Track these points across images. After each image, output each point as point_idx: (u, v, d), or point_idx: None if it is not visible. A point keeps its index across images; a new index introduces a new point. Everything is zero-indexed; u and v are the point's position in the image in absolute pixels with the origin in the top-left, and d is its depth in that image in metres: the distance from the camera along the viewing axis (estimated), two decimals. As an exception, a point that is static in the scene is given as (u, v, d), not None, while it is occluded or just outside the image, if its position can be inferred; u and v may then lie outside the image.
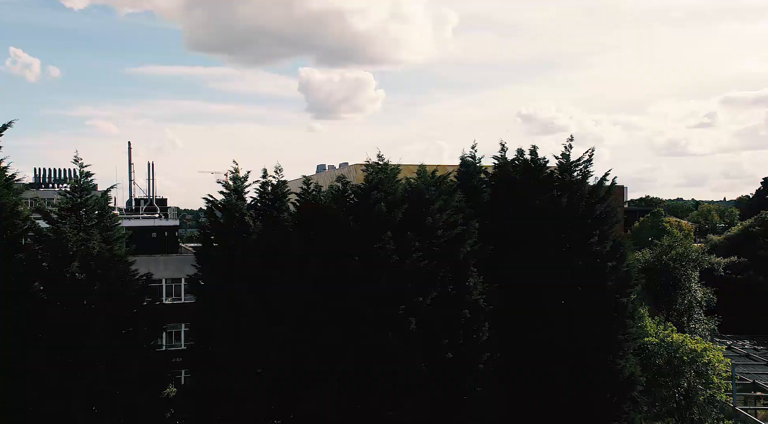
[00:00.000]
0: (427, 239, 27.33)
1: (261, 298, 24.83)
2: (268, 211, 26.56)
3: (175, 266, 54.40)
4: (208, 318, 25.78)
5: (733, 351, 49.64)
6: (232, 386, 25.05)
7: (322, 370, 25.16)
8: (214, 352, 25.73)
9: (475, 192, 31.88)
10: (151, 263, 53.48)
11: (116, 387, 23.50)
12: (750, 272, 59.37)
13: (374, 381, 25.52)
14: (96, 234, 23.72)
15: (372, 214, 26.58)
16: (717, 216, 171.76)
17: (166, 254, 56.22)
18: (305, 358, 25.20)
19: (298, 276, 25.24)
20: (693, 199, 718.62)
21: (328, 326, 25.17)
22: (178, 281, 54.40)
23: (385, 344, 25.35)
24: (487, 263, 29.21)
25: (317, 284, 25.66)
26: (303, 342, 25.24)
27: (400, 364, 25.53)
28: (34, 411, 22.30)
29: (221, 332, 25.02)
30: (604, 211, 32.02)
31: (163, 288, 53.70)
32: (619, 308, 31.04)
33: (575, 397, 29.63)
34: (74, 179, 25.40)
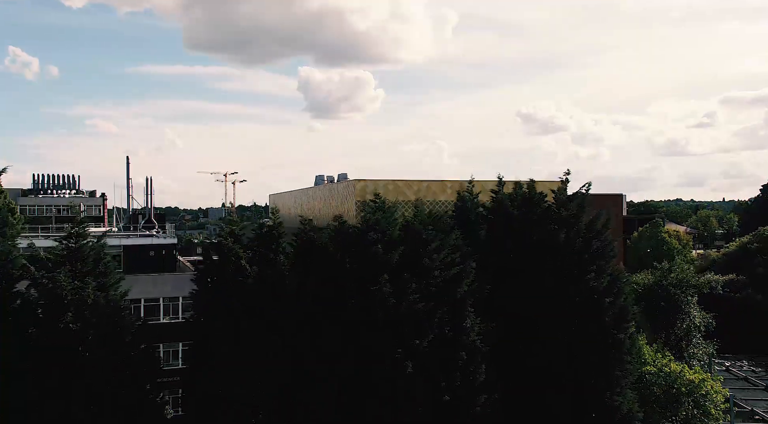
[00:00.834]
0: (424, 280, 27.21)
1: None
2: (264, 253, 26.39)
3: (173, 284, 54.21)
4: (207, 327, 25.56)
5: (731, 374, 49.59)
6: (231, 390, 24.84)
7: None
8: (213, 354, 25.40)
9: (473, 227, 31.73)
10: (149, 282, 53.44)
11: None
12: (748, 290, 59.24)
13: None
14: (90, 282, 23.58)
15: (369, 255, 26.44)
16: (715, 222, 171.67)
17: (164, 272, 55.93)
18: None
19: (295, 321, 25.11)
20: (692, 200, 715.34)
21: (323, 382, 25.04)
22: (176, 299, 54.21)
23: (383, 388, 25.23)
24: (485, 297, 29.14)
25: (314, 329, 25.53)
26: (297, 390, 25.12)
27: (398, 407, 25.42)
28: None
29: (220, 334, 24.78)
30: (601, 246, 31.94)
31: (161, 307, 53.45)
32: (617, 343, 30.98)
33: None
34: (69, 227, 25.18)
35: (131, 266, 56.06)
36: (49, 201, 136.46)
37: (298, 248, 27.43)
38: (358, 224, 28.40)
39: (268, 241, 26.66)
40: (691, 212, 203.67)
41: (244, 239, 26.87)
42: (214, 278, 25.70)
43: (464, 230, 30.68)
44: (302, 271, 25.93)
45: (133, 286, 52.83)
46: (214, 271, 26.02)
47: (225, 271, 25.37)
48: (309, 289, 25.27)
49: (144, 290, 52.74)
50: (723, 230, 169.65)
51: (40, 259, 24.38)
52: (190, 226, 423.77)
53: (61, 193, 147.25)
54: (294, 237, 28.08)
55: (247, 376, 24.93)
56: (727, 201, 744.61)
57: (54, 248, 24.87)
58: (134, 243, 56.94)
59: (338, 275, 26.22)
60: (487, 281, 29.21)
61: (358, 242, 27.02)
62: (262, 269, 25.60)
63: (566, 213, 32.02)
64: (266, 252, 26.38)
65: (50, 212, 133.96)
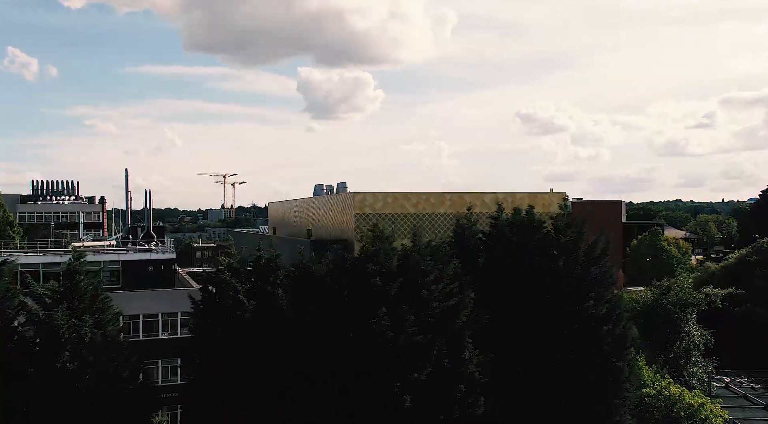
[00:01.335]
0: (422, 311, 27.13)
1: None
2: (263, 285, 26.31)
3: (171, 300, 54.24)
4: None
5: (731, 391, 49.50)
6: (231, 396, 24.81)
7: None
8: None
9: (472, 255, 31.64)
10: (147, 298, 53.43)
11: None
12: (747, 304, 59.15)
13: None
14: (88, 320, 23.51)
15: (367, 287, 26.37)
16: (714, 227, 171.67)
17: (162, 287, 55.89)
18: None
19: (293, 355, 25.05)
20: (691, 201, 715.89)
21: (319, 406, 24.98)
22: (174, 315, 54.23)
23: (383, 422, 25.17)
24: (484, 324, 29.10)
25: (312, 361, 25.46)
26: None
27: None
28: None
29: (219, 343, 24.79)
30: (600, 272, 31.89)
31: (159, 323, 53.45)
32: (615, 371, 30.93)
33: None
34: (67, 263, 25.07)
35: (130, 281, 56.10)
36: (48, 208, 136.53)
37: (296, 280, 27.31)
38: (356, 253, 28.24)
39: (266, 273, 26.56)
40: (690, 216, 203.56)
41: (243, 271, 26.71)
42: (212, 312, 25.61)
43: (463, 257, 30.58)
44: (301, 304, 25.86)
45: (131, 302, 53.22)
46: (212, 305, 25.93)
47: (223, 305, 25.30)
48: (307, 322, 25.16)
49: (142, 306, 52.77)
50: (722, 234, 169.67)
51: (37, 294, 24.24)
52: (189, 228, 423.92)
53: (61, 199, 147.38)
54: (292, 267, 27.97)
55: (246, 380, 24.91)
56: (726, 202, 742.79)
57: (51, 286, 24.72)
58: (133, 258, 56.84)
59: (336, 305, 26.14)
60: (485, 309, 29.10)
61: (357, 274, 26.93)
62: (261, 303, 25.51)
63: (565, 239, 31.94)
64: (264, 285, 26.29)
65: (49, 219, 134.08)
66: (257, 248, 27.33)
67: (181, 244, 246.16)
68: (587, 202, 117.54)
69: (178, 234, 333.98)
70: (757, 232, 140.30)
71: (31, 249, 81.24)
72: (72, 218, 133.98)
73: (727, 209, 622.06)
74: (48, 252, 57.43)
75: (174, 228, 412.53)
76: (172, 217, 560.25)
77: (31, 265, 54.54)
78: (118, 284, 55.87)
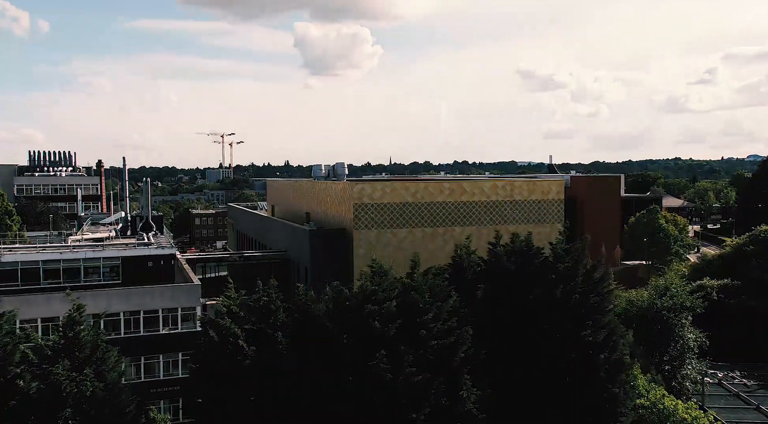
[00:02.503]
0: (420, 349, 27.39)
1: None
2: (263, 328, 26.48)
3: (172, 295, 54.64)
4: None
5: (724, 388, 50.29)
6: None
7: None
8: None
9: (469, 286, 31.72)
10: (147, 294, 53.82)
11: None
12: (742, 296, 59.63)
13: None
14: (89, 373, 23.70)
15: (366, 328, 26.57)
16: (713, 196, 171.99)
17: (162, 282, 56.18)
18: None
19: (293, 397, 25.37)
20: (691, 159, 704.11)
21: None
22: (174, 310, 54.71)
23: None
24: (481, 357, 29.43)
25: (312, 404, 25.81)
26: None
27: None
28: None
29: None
30: (598, 300, 32.10)
31: (160, 318, 53.94)
32: (611, 398, 31.40)
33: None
34: (67, 316, 25.12)
35: (130, 277, 56.37)
36: (46, 181, 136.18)
37: (295, 321, 27.48)
38: (355, 292, 28.30)
39: (266, 315, 26.71)
40: (689, 182, 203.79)
41: (243, 315, 26.82)
42: (213, 357, 25.88)
43: (461, 289, 30.70)
44: (301, 348, 26.09)
45: (132, 298, 53.56)
46: (212, 352, 26.17)
47: (224, 350, 25.53)
48: (307, 366, 25.42)
49: (143, 302, 53.22)
50: (720, 203, 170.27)
51: (38, 346, 24.39)
52: (187, 189, 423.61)
53: (58, 170, 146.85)
54: (291, 306, 28.09)
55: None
56: (725, 159, 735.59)
57: (51, 340, 24.82)
58: (133, 254, 56.95)
59: (335, 348, 26.37)
60: (483, 343, 29.38)
61: (356, 315, 27.09)
62: (260, 347, 25.73)
63: (563, 267, 32.04)
64: (264, 327, 26.46)
65: (47, 191, 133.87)
66: (257, 288, 27.40)
67: (179, 207, 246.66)
68: (586, 177, 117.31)
69: (177, 196, 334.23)
70: (755, 202, 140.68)
71: (31, 234, 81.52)
72: (70, 190, 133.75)
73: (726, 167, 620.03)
74: (47, 248, 57.31)
75: (172, 189, 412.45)
76: (169, 176, 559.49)
77: (31, 262, 54.71)
78: (118, 279, 56.14)
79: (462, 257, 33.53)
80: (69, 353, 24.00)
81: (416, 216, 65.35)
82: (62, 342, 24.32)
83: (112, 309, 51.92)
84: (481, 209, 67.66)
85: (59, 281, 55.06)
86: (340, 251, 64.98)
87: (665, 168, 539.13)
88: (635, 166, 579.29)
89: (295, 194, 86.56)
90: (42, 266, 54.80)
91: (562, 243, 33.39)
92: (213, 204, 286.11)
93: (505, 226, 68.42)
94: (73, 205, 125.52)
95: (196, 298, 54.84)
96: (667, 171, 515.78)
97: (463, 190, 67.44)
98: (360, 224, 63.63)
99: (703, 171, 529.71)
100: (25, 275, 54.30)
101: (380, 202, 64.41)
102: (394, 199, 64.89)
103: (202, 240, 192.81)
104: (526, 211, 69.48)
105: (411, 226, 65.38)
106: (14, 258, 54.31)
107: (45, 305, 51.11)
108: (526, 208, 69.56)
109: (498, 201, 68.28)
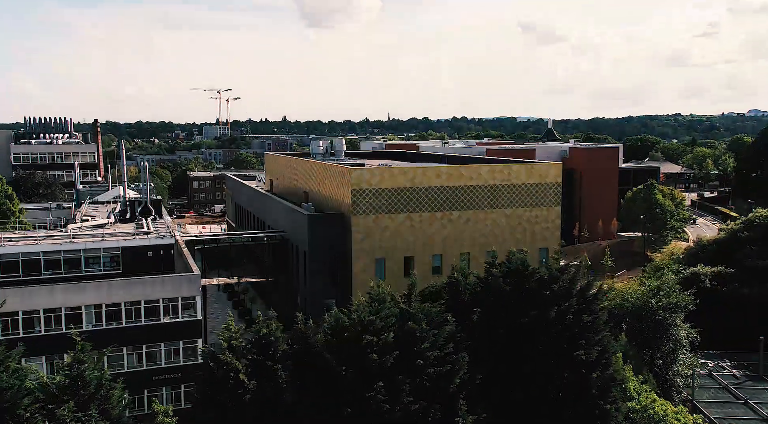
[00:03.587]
0: (417, 377, 28.07)
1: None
2: (263, 361, 27.07)
3: (172, 285, 55.33)
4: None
5: (714, 380, 51.46)
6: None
7: None
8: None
9: (466, 309, 32.21)
10: (148, 284, 54.49)
11: None
12: (735, 284, 60.37)
13: None
14: (94, 413, 24.34)
15: (364, 360, 27.18)
16: (711, 163, 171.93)
17: (162, 272, 56.85)
18: None
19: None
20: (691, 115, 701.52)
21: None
22: (175, 300, 55.48)
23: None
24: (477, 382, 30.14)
25: None
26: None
27: None
28: None
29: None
30: (592, 319, 32.69)
31: (161, 308, 54.72)
32: (602, 415, 32.28)
33: None
34: (72, 358, 25.58)
35: (130, 267, 56.99)
36: (43, 149, 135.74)
37: (294, 353, 28.05)
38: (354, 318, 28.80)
39: (265, 348, 27.28)
40: (688, 147, 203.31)
41: (244, 348, 27.37)
42: (214, 391, 26.56)
43: (456, 311, 31.23)
44: (300, 382, 26.75)
45: (133, 288, 54.26)
46: (213, 385, 26.83)
47: (224, 385, 26.19)
48: (307, 399, 26.12)
49: (144, 292, 53.96)
50: (719, 170, 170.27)
51: (44, 386, 24.95)
52: (184, 146, 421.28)
53: (54, 137, 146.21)
54: (290, 340, 28.64)
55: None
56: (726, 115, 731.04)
57: (57, 381, 25.37)
58: (133, 245, 57.43)
59: (334, 378, 27.04)
60: (479, 368, 30.06)
61: (354, 345, 27.66)
62: (261, 381, 26.38)
63: (558, 287, 32.53)
64: (264, 360, 27.05)
65: (44, 159, 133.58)
66: (256, 320, 27.93)
67: (177, 168, 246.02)
68: (585, 149, 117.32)
69: (174, 155, 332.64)
70: (753, 170, 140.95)
71: (30, 206, 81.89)
72: (66, 158, 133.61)
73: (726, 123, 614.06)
74: (48, 238, 57.75)
75: (169, 146, 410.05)
76: (165, 131, 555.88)
77: (32, 254, 55.22)
78: (118, 269, 56.77)
79: (458, 280, 33.93)
80: (74, 393, 24.61)
81: (414, 201, 65.66)
82: (67, 382, 24.93)
83: (114, 300, 52.82)
84: (479, 193, 67.91)
85: (60, 271, 55.74)
86: (339, 236, 65.53)
87: (665, 125, 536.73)
88: (635, 121, 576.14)
89: (294, 172, 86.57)
90: (43, 256, 55.34)
91: (557, 261, 33.79)
92: (211, 164, 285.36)
93: (502, 209, 69.00)
94: (70, 173, 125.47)
95: (197, 288, 55.60)
96: (666, 128, 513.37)
97: (461, 174, 67.56)
98: (358, 209, 63.96)
99: (702, 128, 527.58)
100: (26, 266, 54.93)
101: (378, 188, 64.62)
102: (392, 184, 65.09)
103: (200, 203, 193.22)
104: (523, 194, 69.78)
105: (409, 211, 65.73)
106: (15, 249, 54.80)
107: (47, 296, 51.87)
108: (524, 192, 69.85)
109: (496, 185, 68.50)
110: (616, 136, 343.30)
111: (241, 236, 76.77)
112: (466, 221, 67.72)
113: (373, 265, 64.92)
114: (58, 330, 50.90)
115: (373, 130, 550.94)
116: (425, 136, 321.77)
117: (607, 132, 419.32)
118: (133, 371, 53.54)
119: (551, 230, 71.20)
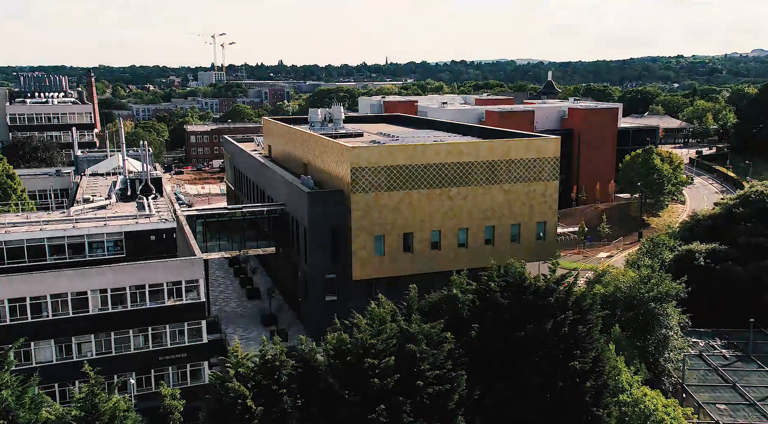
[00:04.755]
0: (417, 397, 29.22)
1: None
2: (268, 385, 28.11)
3: (176, 269, 56.34)
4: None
5: (704, 362, 52.96)
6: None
7: None
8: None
9: (464, 324, 33.10)
10: (151, 268, 55.44)
11: None
12: (729, 262, 61.29)
13: None
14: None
15: (366, 383, 28.26)
16: (710, 118, 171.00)
17: (165, 255, 57.73)
18: None
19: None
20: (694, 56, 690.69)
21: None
22: (179, 283, 56.61)
23: None
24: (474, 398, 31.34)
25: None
26: None
27: None
28: None
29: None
30: (586, 329, 33.68)
31: (165, 291, 55.84)
32: (595, 420, 33.66)
33: None
34: (86, 392, 26.53)
35: (133, 251, 57.73)
36: (38, 109, 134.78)
37: (298, 376, 29.07)
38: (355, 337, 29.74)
39: (271, 372, 28.29)
40: (688, 101, 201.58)
41: (249, 374, 28.37)
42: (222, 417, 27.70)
43: (455, 327, 32.16)
44: (304, 404, 27.86)
45: (138, 272, 55.28)
46: (222, 411, 27.92)
47: (232, 411, 27.29)
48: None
49: (147, 276, 54.97)
50: (719, 125, 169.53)
51: (60, 418, 26.00)
52: (180, 94, 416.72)
53: (50, 96, 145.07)
54: (295, 364, 29.58)
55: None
56: (728, 57, 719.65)
57: (73, 414, 26.40)
58: (135, 229, 58.04)
59: (337, 404, 28.17)
60: (477, 383, 31.19)
61: (356, 368, 28.68)
62: (267, 406, 27.48)
63: (554, 299, 33.41)
64: (270, 384, 28.08)
65: (40, 120, 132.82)
66: (261, 347, 28.88)
67: (174, 119, 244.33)
68: (584, 109, 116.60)
69: (169, 103, 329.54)
70: (753, 125, 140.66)
71: (28, 172, 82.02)
72: (63, 118, 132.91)
73: (729, 65, 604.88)
74: (51, 223, 58.37)
75: (165, 94, 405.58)
76: (159, 76, 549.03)
77: (36, 240, 55.88)
78: (122, 253, 57.53)
79: (456, 296, 34.71)
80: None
81: (413, 178, 66.06)
82: (82, 414, 26.01)
83: (119, 284, 53.97)
84: (478, 169, 68.22)
85: (64, 256, 56.50)
86: (338, 213, 66.19)
87: (666, 67, 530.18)
88: (636, 64, 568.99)
89: (293, 141, 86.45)
90: (47, 242, 56.05)
91: (553, 273, 34.55)
92: (207, 114, 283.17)
93: (501, 185, 69.42)
94: (67, 133, 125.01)
95: (200, 271, 56.61)
96: (668, 71, 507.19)
97: (460, 151, 67.74)
98: (357, 187, 64.41)
99: (705, 70, 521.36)
100: (31, 252, 55.69)
101: (377, 165, 64.89)
102: (391, 162, 65.33)
103: (197, 158, 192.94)
104: (522, 169, 70.12)
105: (408, 188, 66.21)
106: (20, 236, 55.44)
107: (54, 282, 53.01)
108: (522, 167, 70.17)
109: (494, 161, 68.73)
110: (617, 82, 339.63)
111: (241, 210, 77.24)
112: (465, 196, 68.23)
113: (372, 241, 65.82)
114: (65, 314, 52.78)
115: (371, 75, 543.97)
116: (424, 87, 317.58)
117: (608, 76, 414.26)
118: (140, 352, 55.34)
119: (549, 204, 71.87)
